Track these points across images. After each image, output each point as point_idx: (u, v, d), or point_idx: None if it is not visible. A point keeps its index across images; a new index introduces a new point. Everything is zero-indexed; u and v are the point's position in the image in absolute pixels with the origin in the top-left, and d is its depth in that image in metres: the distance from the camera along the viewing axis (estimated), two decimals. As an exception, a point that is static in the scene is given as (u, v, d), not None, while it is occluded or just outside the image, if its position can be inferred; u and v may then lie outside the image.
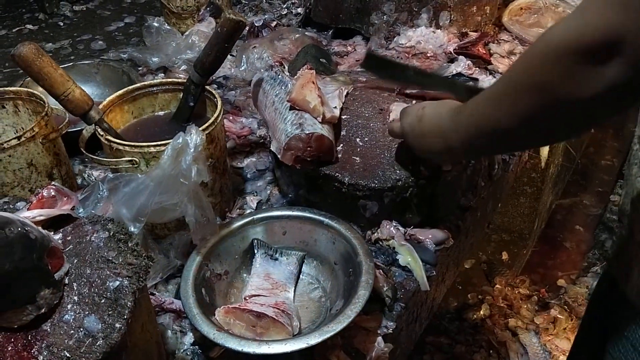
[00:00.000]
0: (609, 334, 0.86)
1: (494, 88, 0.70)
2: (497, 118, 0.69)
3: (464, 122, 0.77)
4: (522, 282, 2.28)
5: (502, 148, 0.89)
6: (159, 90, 1.16)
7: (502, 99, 0.67)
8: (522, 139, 0.72)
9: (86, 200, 0.85)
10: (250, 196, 1.20)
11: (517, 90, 0.64)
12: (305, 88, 1.05)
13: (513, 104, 0.65)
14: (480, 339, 2.00)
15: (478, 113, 0.73)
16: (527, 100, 0.63)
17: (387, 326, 0.92)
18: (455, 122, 0.79)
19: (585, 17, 0.55)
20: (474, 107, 0.75)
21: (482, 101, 0.73)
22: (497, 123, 0.69)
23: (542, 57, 0.60)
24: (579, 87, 0.57)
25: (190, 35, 1.73)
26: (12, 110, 1.15)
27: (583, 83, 0.56)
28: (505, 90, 0.67)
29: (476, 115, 0.74)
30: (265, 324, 0.88)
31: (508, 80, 0.67)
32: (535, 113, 0.63)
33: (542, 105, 0.62)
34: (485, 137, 0.74)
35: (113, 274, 0.69)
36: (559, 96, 0.59)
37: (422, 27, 1.64)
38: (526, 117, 0.64)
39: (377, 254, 1.03)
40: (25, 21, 2.21)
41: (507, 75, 0.68)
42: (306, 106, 1.03)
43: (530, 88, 0.62)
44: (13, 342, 0.64)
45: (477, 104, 0.74)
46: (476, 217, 1.24)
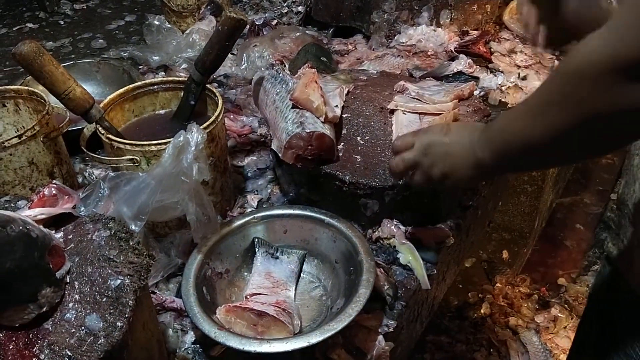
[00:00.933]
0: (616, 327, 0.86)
1: (528, 103, 0.69)
2: (531, 133, 0.68)
3: (496, 137, 0.76)
4: (522, 281, 2.28)
5: (533, 164, 0.87)
6: (159, 89, 1.16)
7: (537, 114, 0.67)
8: (555, 155, 0.71)
9: (87, 198, 0.85)
10: (251, 195, 1.20)
11: (553, 105, 0.64)
12: (309, 87, 1.05)
13: (548, 119, 0.65)
14: (480, 337, 2.00)
15: (511, 127, 0.73)
16: (563, 115, 0.63)
17: (388, 325, 0.92)
18: (485, 136, 0.78)
19: (622, 33, 0.55)
20: (506, 122, 0.75)
21: (515, 115, 0.72)
22: (530, 138, 0.68)
23: (579, 73, 0.59)
24: (617, 104, 0.57)
25: (190, 33, 1.73)
26: (13, 109, 1.15)
27: (621, 99, 0.57)
28: (541, 106, 0.66)
29: (509, 130, 0.73)
30: (266, 323, 0.88)
31: (543, 96, 0.67)
32: (570, 129, 0.63)
33: (578, 121, 0.62)
34: (518, 151, 0.73)
35: (114, 272, 0.69)
36: (595, 112, 0.59)
37: (422, 26, 1.64)
38: (561, 132, 0.64)
39: (378, 252, 1.03)
40: (26, 19, 2.21)
41: (542, 90, 0.67)
42: (309, 105, 1.03)
43: (567, 104, 0.62)
44: (14, 341, 0.64)
45: (510, 118, 0.74)
46: (477, 216, 1.24)
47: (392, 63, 1.52)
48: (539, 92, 0.68)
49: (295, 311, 0.90)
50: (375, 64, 1.53)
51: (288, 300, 0.93)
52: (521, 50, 1.67)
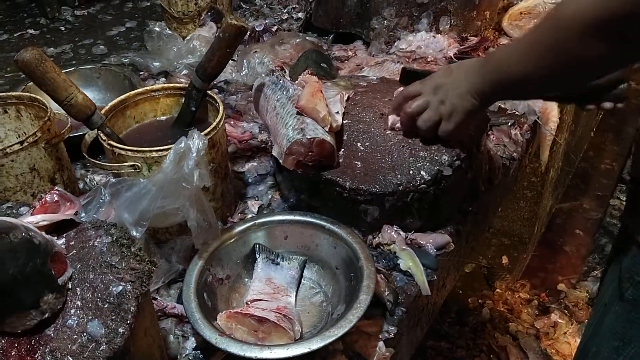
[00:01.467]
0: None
1: (523, 42, 0.84)
2: (522, 68, 0.83)
3: (494, 69, 0.90)
4: (522, 287, 2.28)
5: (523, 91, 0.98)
6: (160, 95, 1.16)
7: (528, 53, 0.82)
8: (539, 84, 0.87)
9: (88, 204, 0.85)
10: (252, 200, 1.20)
11: (542, 47, 0.79)
12: (315, 97, 1.06)
13: (537, 58, 0.80)
14: (480, 343, 2.00)
15: (507, 62, 0.87)
16: (548, 56, 0.78)
17: (389, 331, 0.93)
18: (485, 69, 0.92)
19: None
20: (503, 57, 0.90)
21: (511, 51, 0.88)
22: (522, 71, 0.84)
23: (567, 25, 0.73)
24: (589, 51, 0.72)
25: (191, 40, 1.74)
26: (15, 115, 1.16)
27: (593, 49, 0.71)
28: (532, 46, 0.81)
29: (505, 64, 0.87)
30: (267, 329, 0.88)
31: (535, 38, 0.81)
32: (553, 67, 0.79)
33: (559, 62, 0.77)
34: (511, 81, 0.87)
35: (116, 278, 0.69)
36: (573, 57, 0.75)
37: (422, 32, 1.65)
38: (545, 69, 0.80)
39: (379, 258, 1.03)
40: (27, 26, 2.21)
41: (535, 32, 0.81)
42: (315, 115, 1.03)
43: (553, 48, 0.76)
44: (17, 347, 0.64)
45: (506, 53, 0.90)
46: (477, 222, 1.24)
47: (392, 69, 1.53)
48: (532, 33, 0.82)
49: (296, 317, 0.91)
50: (375, 70, 1.53)
51: (289, 306, 0.93)
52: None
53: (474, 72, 0.94)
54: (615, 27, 0.68)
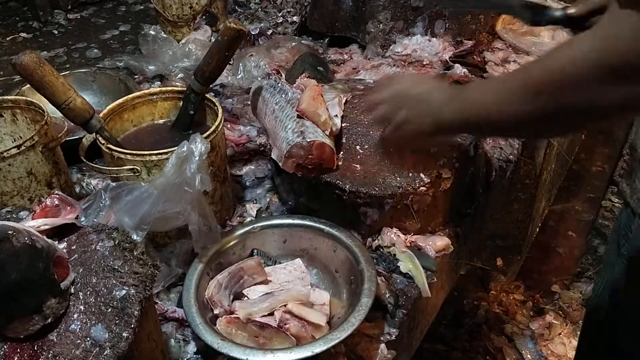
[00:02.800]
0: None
1: (506, 83, 0.76)
2: (503, 112, 0.74)
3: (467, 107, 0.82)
4: (516, 288, 2.29)
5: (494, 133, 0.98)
6: (158, 99, 1.16)
7: (513, 96, 0.72)
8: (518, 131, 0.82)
9: (88, 209, 0.85)
10: (250, 204, 1.20)
11: (531, 93, 0.70)
12: (316, 101, 1.06)
13: (523, 103, 0.70)
14: (476, 345, 2.01)
15: (484, 102, 0.79)
16: (538, 104, 0.69)
17: (390, 333, 0.93)
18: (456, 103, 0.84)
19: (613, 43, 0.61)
20: (480, 95, 0.81)
21: (491, 91, 0.79)
22: (501, 115, 0.75)
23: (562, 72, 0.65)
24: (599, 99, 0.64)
25: (186, 43, 1.73)
26: (10, 119, 1.15)
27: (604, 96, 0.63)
28: (519, 90, 0.72)
29: (480, 104, 0.79)
30: (268, 334, 0.88)
31: (523, 81, 0.72)
32: (541, 115, 0.70)
33: (550, 111, 0.69)
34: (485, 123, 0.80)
35: (119, 283, 0.69)
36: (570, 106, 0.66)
37: (417, 36, 1.66)
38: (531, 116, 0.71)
39: (379, 261, 1.03)
40: (20, 29, 2.20)
41: (523, 76, 0.74)
42: (317, 119, 1.04)
43: (545, 95, 0.68)
44: (19, 353, 0.64)
45: (484, 92, 0.81)
46: (474, 224, 1.24)
47: (388, 72, 1.53)
48: (518, 76, 0.75)
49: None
50: (371, 74, 1.54)
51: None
52: (514, 60, 1.69)
53: (443, 102, 0.87)
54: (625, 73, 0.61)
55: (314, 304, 0.91)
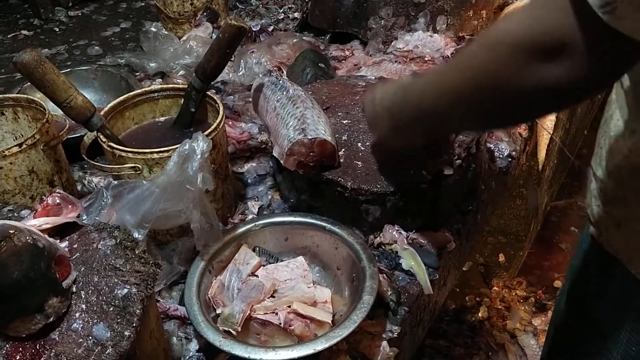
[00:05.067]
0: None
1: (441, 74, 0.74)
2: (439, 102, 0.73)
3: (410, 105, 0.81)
4: (519, 284, 2.29)
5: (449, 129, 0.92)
6: (159, 96, 1.16)
7: (447, 83, 0.70)
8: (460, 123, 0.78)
9: (90, 207, 0.85)
10: (252, 201, 1.20)
11: (465, 77, 0.66)
12: None
13: (459, 89, 0.68)
14: (478, 341, 2.01)
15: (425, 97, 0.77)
16: (472, 88, 0.65)
17: (392, 330, 0.93)
18: (401, 103, 0.83)
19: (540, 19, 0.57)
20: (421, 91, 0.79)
21: (430, 85, 0.76)
22: (438, 107, 0.73)
23: (493, 49, 0.62)
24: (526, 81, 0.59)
25: (187, 40, 1.73)
26: (12, 117, 1.15)
27: (530, 78, 0.58)
28: (453, 76, 0.69)
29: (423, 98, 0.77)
30: (270, 332, 0.88)
31: (456, 68, 0.70)
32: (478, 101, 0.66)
33: (486, 94, 0.64)
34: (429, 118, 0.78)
35: (121, 281, 0.69)
36: (505, 88, 0.62)
37: (419, 32, 1.65)
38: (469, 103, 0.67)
39: (380, 258, 1.03)
40: (21, 27, 2.20)
41: (456, 62, 0.71)
42: None
43: (477, 77, 0.64)
44: (21, 352, 0.64)
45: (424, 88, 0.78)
46: (476, 221, 1.24)
47: (389, 69, 1.53)
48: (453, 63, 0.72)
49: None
50: (373, 70, 1.53)
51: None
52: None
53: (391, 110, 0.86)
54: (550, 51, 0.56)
55: (317, 301, 0.91)
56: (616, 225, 0.80)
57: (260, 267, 0.99)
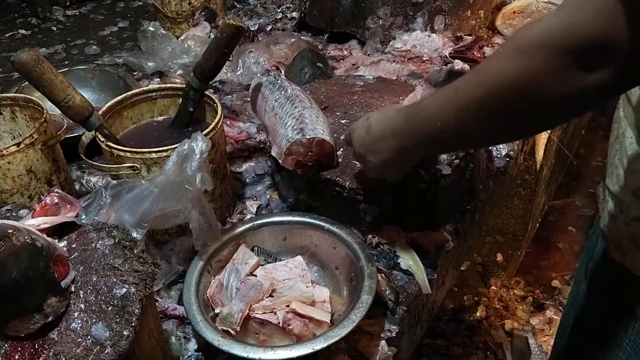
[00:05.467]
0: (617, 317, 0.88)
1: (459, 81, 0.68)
2: (466, 119, 0.67)
3: (422, 123, 0.76)
4: (516, 284, 2.30)
5: (465, 146, 0.91)
6: (157, 96, 1.16)
7: (473, 100, 0.65)
8: (490, 137, 0.75)
9: (89, 206, 0.85)
10: (250, 201, 1.20)
11: (492, 90, 0.62)
12: None
13: (487, 104, 0.63)
14: (477, 340, 2.01)
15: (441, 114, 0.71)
16: (502, 100, 0.61)
17: (390, 330, 0.93)
18: (411, 123, 0.79)
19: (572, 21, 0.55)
20: (435, 108, 0.73)
21: (445, 101, 0.71)
22: (464, 124, 0.68)
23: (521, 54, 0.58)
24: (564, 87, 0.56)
25: (185, 39, 1.73)
26: (10, 117, 1.15)
27: (571, 83, 0.56)
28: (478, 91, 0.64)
29: (438, 116, 0.72)
30: (269, 331, 0.88)
31: (476, 73, 0.65)
32: (509, 113, 0.62)
33: (518, 106, 0.61)
34: (450, 135, 0.73)
35: (120, 281, 0.69)
36: (539, 96, 0.58)
37: (417, 31, 1.65)
38: (499, 117, 0.64)
39: (379, 258, 1.03)
40: (18, 26, 2.19)
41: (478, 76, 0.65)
42: None
43: (508, 88, 0.60)
44: (20, 351, 0.64)
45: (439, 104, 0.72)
46: (474, 220, 1.24)
47: (387, 69, 1.53)
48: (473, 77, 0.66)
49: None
50: (371, 70, 1.54)
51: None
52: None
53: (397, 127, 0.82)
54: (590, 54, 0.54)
55: (315, 301, 0.91)
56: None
57: (259, 267, 0.99)
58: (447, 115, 0.70)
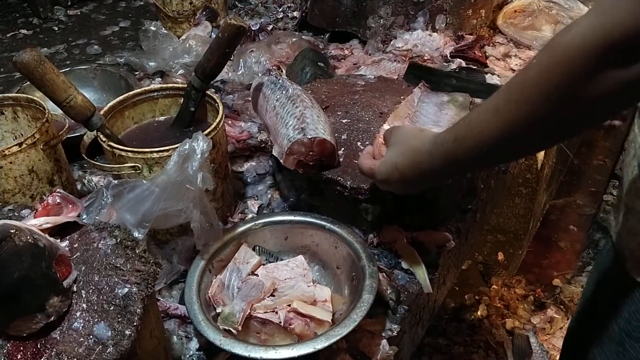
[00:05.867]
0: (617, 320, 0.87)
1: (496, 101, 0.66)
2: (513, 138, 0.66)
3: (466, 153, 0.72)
4: (518, 282, 2.30)
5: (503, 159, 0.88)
6: (159, 96, 1.16)
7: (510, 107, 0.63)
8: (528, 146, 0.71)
9: (90, 206, 0.85)
10: (251, 200, 1.20)
11: (531, 95, 0.61)
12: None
13: (526, 110, 0.62)
14: (478, 339, 2.01)
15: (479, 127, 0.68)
16: (541, 105, 0.60)
17: (392, 329, 0.93)
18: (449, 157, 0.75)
19: (610, 15, 0.54)
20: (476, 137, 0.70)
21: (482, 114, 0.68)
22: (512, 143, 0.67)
23: (563, 59, 0.57)
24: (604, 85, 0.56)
25: (187, 39, 1.73)
26: (11, 117, 1.15)
27: (609, 80, 0.55)
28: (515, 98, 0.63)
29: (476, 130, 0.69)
30: (270, 331, 0.88)
31: (515, 88, 0.64)
32: (547, 117, 0.61)
33: (557, 108, 0.60)
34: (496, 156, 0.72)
35: (121, 280, 0.69)
36: (579, 97, 0.57)
37: (418, 31, 1.65)
38: (536, 122, 0.62)
39: (380, 257, 1.03)
40: (20, 26, 2.20)
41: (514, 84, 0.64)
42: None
43: (547, 91, 0.59)
44: (22, 351, 0.64)
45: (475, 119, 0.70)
46: (476, 219, 1.25)
47: (389, 68, 1.53)
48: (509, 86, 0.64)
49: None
50: (372, 69, 1.54)
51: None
52: (515, 54, 1.69)
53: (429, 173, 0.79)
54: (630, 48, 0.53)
55: (316, 300, 0.92)
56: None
57: (260, 266, 0.99)
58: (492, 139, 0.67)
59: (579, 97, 0.58)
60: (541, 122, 0.62)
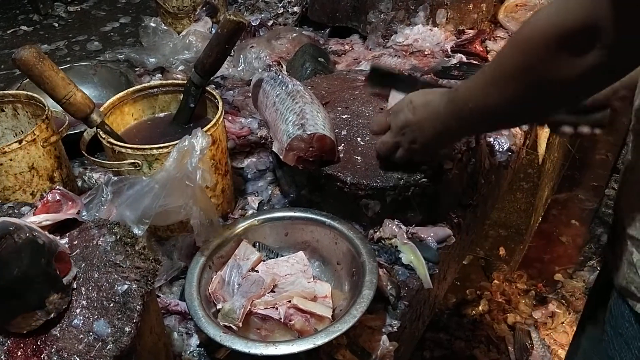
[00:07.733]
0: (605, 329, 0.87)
1: (484, 74, 0.76)
2: (487, 101, 0.75)
3: (462, 108, 0.82)
4: (519, 277, 2.30)
5: (495, 126, 0.98)
6: (159, 92, 1.16)
7: (491, 83, 0.74)
8: (512, 118, 0.81)
9: (90, 203, 0.85)
10: (252, 196, 1.20)
11: (505, 74, 0.71)
12: None
13: (502, 87, 0.72)
14: (479, 334, 2.02)
15: (473, 98, 0.79)
16: (514, 83, 0.69)
17: (392, 324, 0.93)
18: (451, 108, 0.86)
19: (566, 5, 0.61)
20: (468, 93, 0.81)
21: (476, 85, 0.78)
22: (490, 106, 0.76)
23: (527, 42, 0.65)
24: (561, 70, 0.63)
25: (187, 35, 1.72)
26: (12, 114, 1.15)
27: (565, 66, 0.62)
28: (494, 75, 0.73)
29: (472, 101, 0.79)
30: (271, 327, 0.88)
31: (496, 66, 0.74)
32: (522, 95, 0.70)
33: (527, 88, 0.68)
34: (480, 117, 0.81)
35: (121, 277, 0.69)
36: (542, 79, 0.65)
37: (419, 25, 1.65)
38: (514, 98, 0.71)
39: (380, 252, 1.03)
40: (20, 22, 2.20)
41: (496, 60, 0.74)
42: None
43: (517, 72, 0.68)
44: (23, 348, 0.64)
45: (468, 89, 0.81)
46: (476, 215, 1.24)
47: (389, 63, 1.53)
48: (493, 62, 0.75)
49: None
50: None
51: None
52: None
53: (440, 114, 0.89)
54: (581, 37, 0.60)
55: (317, 296, 0.92)
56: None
57: (261, 262, 0.99)
58: (475, 96, 0.78)
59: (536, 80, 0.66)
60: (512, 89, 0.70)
